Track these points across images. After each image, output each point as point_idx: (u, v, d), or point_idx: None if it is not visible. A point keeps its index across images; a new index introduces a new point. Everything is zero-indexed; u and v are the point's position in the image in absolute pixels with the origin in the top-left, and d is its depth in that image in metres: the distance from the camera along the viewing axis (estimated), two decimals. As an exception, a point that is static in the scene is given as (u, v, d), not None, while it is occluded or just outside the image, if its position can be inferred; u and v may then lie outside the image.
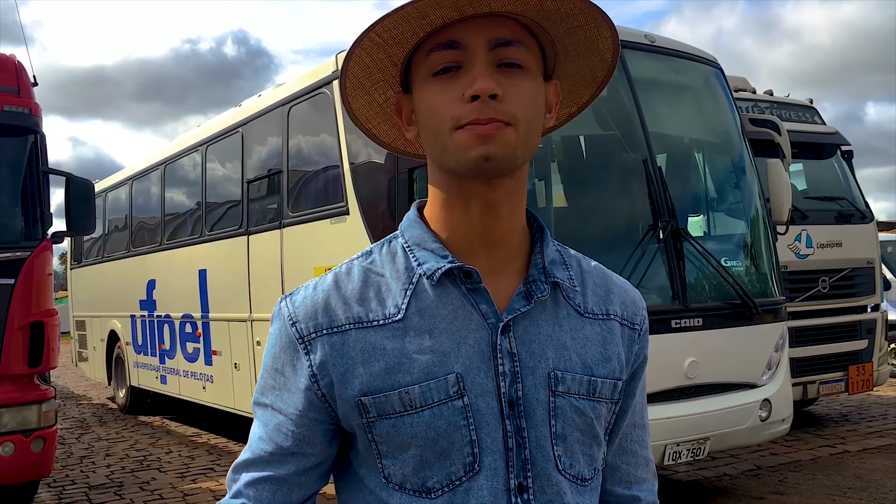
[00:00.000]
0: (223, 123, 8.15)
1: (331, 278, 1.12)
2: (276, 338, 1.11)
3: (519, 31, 1.05)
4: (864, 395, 9.46)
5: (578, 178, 5.62)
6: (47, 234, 5.55)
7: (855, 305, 7.96)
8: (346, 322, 1.07)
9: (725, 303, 5.21)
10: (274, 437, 1.10)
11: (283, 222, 6.68)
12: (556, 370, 1.08)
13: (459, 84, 1.02)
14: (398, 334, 1.06)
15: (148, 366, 9.89)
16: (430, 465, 1.05)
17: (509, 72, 1.03)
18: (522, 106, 1.03)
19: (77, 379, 15.65)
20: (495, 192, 1.06)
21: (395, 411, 1.04)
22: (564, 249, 1.18)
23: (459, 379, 1.04)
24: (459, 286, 1.08)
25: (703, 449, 4.99)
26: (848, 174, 8.43)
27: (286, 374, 1.10)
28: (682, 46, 5.79)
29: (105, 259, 11.51)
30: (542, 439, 1.06)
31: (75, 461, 7.97)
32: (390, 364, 1.05)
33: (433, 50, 1.04)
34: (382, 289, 1.09)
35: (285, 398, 1.09)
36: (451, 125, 1.02)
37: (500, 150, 1.01)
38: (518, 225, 1.12)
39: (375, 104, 1.16)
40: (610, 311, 1.16)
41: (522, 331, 1.08)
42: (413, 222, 1.14)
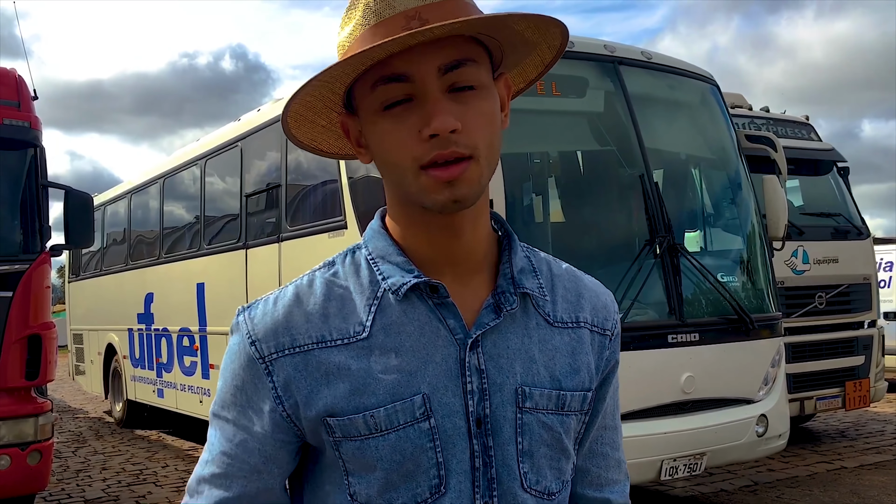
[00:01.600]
0: (222, 137, 8.19)
1: (291, 291, 1.08)
2: (235, 354, 1.07)
3: (466, 46, 0.99)
4: (861, 412, 9.46)
5: (575, 193, 5.65)
6: (46, 247, 5.56)
7: (852, 321, 7.98)
8: (308, 342, 1.03)
9: (722, 318, 5.22)
10: (240, 454, 1.06)
11: (281, 236, 6.70)
12: (523, 385, 1.05)
13: (414, 119, 0.97)
14: (363, 353, 1.03)
15: (145, 379, 9.88)
16: (396, 486, 1.02)
17: (462, 96, 0.98)
18: (482, 132, 0.99)
19: (74, 392, 15.61)
20: (456, 218, 1.03)
21: (359, 434, 1.02)
22: (533, 253, 1.15)
23: (426, 400, 1.02)
24: (426, 301, 1.04)
25: (699, 464, 4.99)
26: (844, 190, 8.47)
27: (248, 392, 1.06)
28: (679, 63, 5.83)
29: (103, 272, 11.51)
30: (508, 458, 1.04)
31: (71, 475, 7.94)
32: (355, 386, 1.02)
33: (378, 83, 0.98)
34: (346, 304, 1.05)
35: (250, 416, 1.06)
36: (412, 166, 0.98)
37: (467, 189, 0.98)
38: (482, 237, 1.08)
39: (319, 126, 1.12)
40: (580, 318, 1.14)
41: (491, 345, 1.05)
42: (377, 233, 1.10)
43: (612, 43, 5.41)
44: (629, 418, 4.72)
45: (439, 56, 0.97)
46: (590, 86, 5.36)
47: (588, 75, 5.33)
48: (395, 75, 0.97)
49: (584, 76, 5.29)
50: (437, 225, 1.04)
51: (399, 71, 0.97)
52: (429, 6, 0.97)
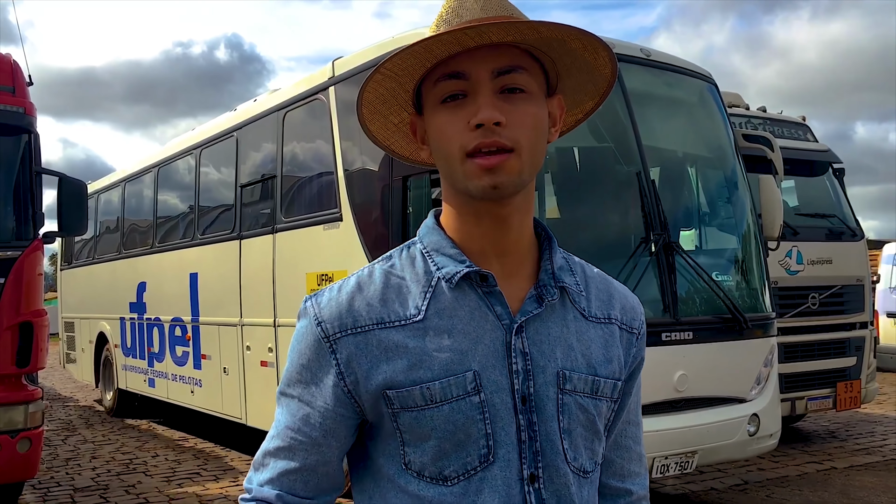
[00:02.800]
0: (218, 127, 8.15)
1: (353, 281, 1.19)
2: (302, 335, 1.18)
3: (520, 56, 1.13)
4: (852, 413, 9.49)
5: (572, 189, 5.63)
6: (38, 234, 5.53)
7: (844, 322, 7.99)
8: (369, 322, 1.14)
9: (716, 317, 5.22)
10: (303, 428, 1.17)
11: (275, 227, 6.68)
12: (563, 369, 1.16)
13: (465, 112, 1.10)
14: (419, 334, 1.13)
15: (136, 369, 9.85)
16: (448, 455, 1.12)
17: (512, 97, 1.11)
18: (524, 130, 1.11)
19: (64, 380, 15.57)
20: (504, 208, 1.15)
21: (416, 405, 1.12)
22: (570, 257, 1.27)
23: (476, 376, 1.12)
24: (476, 289, 1.15)
25: (691, 462, 5.00)
26: (839, 192, 8.48)
27: (313, 369, 1.16)
28: (678, 61, 5.82)
29: (96, 261, 11.47)
30: (551, 433, 1.15)
31: (61, 463, 7.92)
32: (412, 361, 1.12)
33: (440, 80, 1.12)
34: (403, 291, 1.17)
35: (313, 392, 1.16)
36: (460, 153, 1.11)
37: (506, 178, 1.10)
38: (526, 234, 1.20)
39: (391, 125, 1.25)
40: (611, 316, 1.25)
41: (534, 332, 1.16)
42: (431, 229, 1.22)
43: (612, 39, 5.39)
44: (622, 415, 4.73)
45: (494, 60, 1.11)
46: (587, 82, 5.34)
47: (586, 71, 5.31)
48: (454, 73, 1.11)
49: (582, 72, 5.27)
50: (488, 215, 1.15)
51: (458, 69, 1.11)
52: (490, 18, 1.11)
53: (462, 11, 1.13)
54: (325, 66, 6.28)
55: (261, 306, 6.82)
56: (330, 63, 6.19)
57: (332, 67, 6.13)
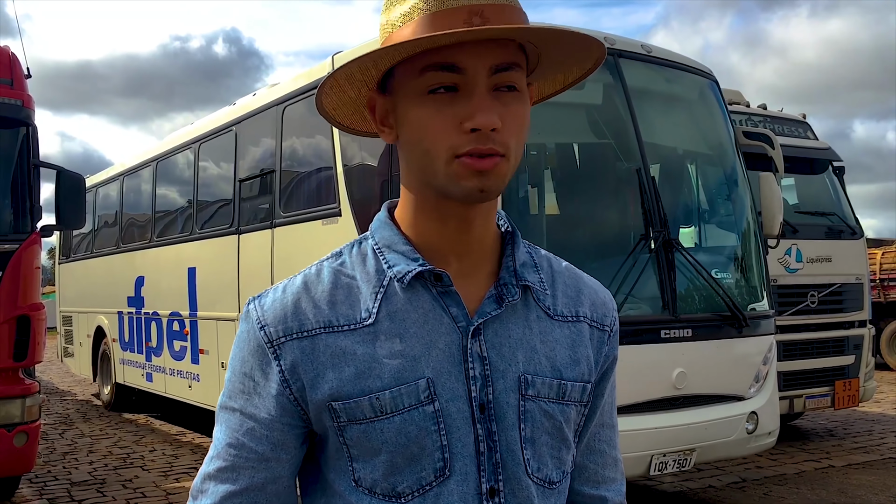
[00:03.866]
0: (217, 121, 8.13)
1: (300, 280, 1.10)
2: (244, 341, 1.09)
3: (515, 51, 1.03)
4: (850, 411, 9.49)
5: (571, 186, 5.62)
6: (36, 228, 5.51)
7: (843, 321, 7.99)
8: (316, 326, 1.06)
9: (715, 314, 5.21)
10: (247, 443, 1.06)
11: (274, 222, 6.66)
12: (526, 374, 1.08)
13: (456, 110, 1.00)
14: (368, 339, 1.05)
15: (134, 363, 9.84)
16: (401, 469, 1.04)
17: (504, 97, 1.02)
18: (516, 134, 1.03)
19: (62, 374, 15.56)
20: (472, 210, 1.07)
21: (365, 417, 1.03)
22: (535, 250, 1.18)
23: (430, 384, 1.04)
24: (430, 289, 1.07)
25: (689, 460, 4.99)
26: (839, 190, 8.47)
27: (256, 378, 1.07)
28: (678, 57, 5.80)
29: (94, 255, 11.45)
30: (512, 443, 1.06)
31: (58, 457, 7.91)
32: (360, 369, 1.04)
33: (429, 69, 1.00)
34: (353, 291, 1.08)
35: (256, 403, 1.07)
36: (447, 154, 1.00)
37: (495, 182, 1.01)
38: (490, 232, 1.12)
39: (346, 97, 1.12)
40: (580, 313, 1.16)
41: (493, 334, 1.07)
42: (383, 224, 1.13)
43: (612, 35, 5.37)
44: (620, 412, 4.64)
45: (494, 56, 1.00)
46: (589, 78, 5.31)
47: (587, 67, 5.29)
48: (448, 64, 0.99)
49: (583, 68, 5.25)
50: (453, 216, 1.07)
51: (454, 61, 0.99)
52: (491, 6, 1.00)
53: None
54: (324, 61, 6.26)
55: (259, 301, 6.80)
56: (330, 58, 6.17)
57: (331, 62, 6.10)
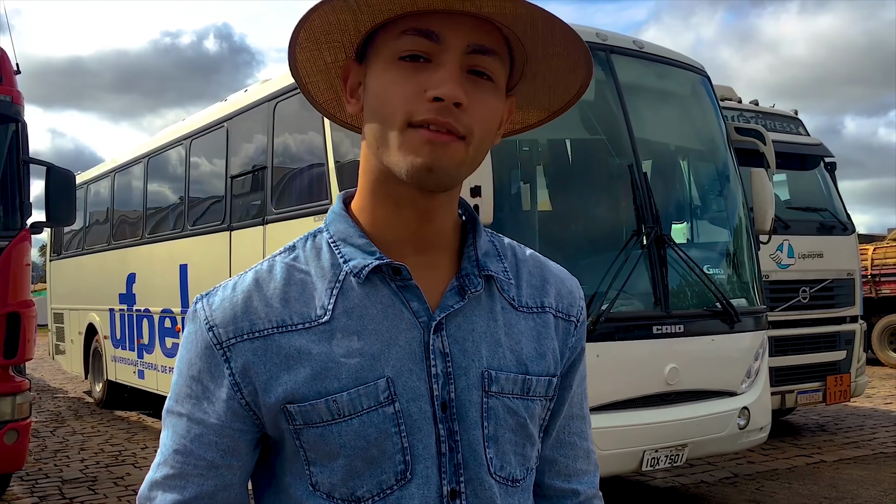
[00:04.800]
0: (208, 118, 8.10)
1: (251, 277, 1.05)
2: (191, 342, 1.03)
3: (499, 40, 0.99)
4: (841, 406, 9.53)
5: (564, 182, 5.61)
6: (26, 224, 5.48)
7: (834, 316, 8.01)
8: (268, 326, 1.00)
9: (707, 310, 5.21)
10: (195, 450, 1.02)
11: (266, 219, 6.64)
12: (489, 369, 1.04)
13: (423, 78, 0.95)
14: (325, 337, 1.00)
15: (126, 360, 9.80)
16: (360, 473, 1.00)
17: (478, 81, 0.97)
18: (481, 122, 0.97)
19: (54, 372, 15.50)
20: (431, 201, 1.02)
21: (322, 420, 0.98)
22: (498, 239, 1.14)
23: (390, 383, 0.99)
24: (389, 283, 1.02)
25: (681, 455, 5.00)
26: (830, 186, 8.49)
27: (204, 381, 1.02)
28: (670, 53, 5.80)
29: (85, 251, 11.40)
30: (474, 442, 1.02)
31: (49, 455, 7.88)
32: (317, 370, 0.99)
33: (406, 33, 0.97)
34: (307, 288, 1.03)
35: (205, 408, 1.02)
36: (402, 119, 0.95)
37: (446, 164, 0.96)
38: (450, 223, 1.07)
39: (322, 62, 1.07)
40: (545, 304, 1.12)
41: (455, 328, 1.03)
42: (338, 216, 1.07)
43: (605, 31, 5.37)
44: (613, 408, 4.72)
45: (473, 33, 0.96)
46: (581, 73, 5.31)
47: (579, 63, 5.28)
48: (426, 30, 0.96)
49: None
50: (410, 205, 1.02)
51: (432, 28, 0.96)
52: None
53: None
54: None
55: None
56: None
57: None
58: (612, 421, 4.68)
